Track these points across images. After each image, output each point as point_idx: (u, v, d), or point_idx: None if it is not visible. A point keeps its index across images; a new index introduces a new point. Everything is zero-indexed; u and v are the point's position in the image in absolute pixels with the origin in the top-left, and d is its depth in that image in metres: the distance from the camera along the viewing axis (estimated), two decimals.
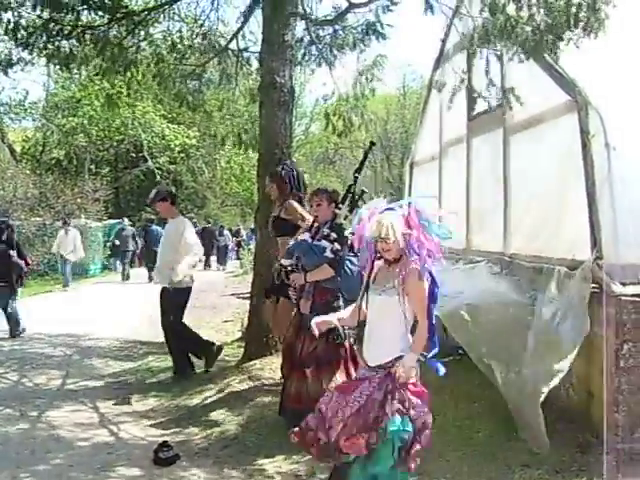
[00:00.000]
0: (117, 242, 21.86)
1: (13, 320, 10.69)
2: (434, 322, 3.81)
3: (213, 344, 7.98)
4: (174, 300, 7.63)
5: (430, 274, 3.74)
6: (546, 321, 5.08)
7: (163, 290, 7.70)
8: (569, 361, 4.73)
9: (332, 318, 4.27)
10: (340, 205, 5.35)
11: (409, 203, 3.83)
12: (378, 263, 3.94)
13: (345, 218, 5.37)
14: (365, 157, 6.03)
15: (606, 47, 5.42)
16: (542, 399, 4.72)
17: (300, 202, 6.17)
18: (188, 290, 7.79)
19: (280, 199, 6.29)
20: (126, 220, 23.47)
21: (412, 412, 3.73)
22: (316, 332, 4.20)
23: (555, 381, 4.74)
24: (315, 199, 5.41)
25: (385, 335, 3.84)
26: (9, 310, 10.69)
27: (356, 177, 5.52)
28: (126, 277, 21.11)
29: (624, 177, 4.78)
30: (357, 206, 5.38)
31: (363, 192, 5.51)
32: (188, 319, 8.15)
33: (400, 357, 3.76)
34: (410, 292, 3.74)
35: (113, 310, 13.46)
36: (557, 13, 5.39)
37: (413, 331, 3.85)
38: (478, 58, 6.42)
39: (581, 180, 5.00)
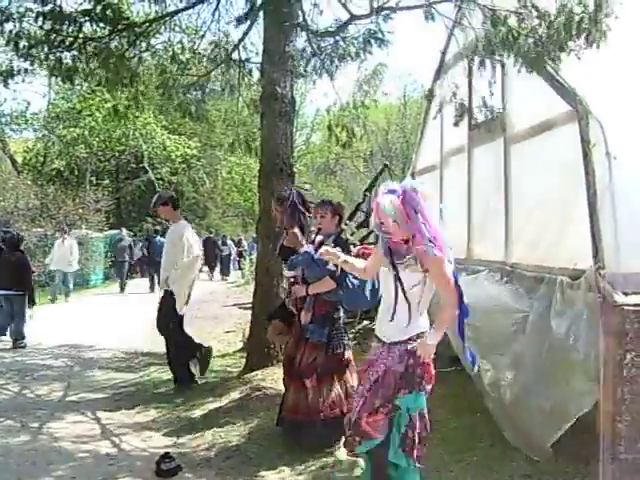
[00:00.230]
0: (113, 253, 21.53)
1: (20, 330, 10.68)
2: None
3: (202, 347, 7.98)
4: (174, 305, 7.67)
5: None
6: (560, 337, 5.02)
7: (164, 294, 7.75)
8: (598, 386, 4.70)
9: (341, 255, 4.22)
10: (347, 221, 5.35)
11: (405, 186, 3.80)
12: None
13: (352, 234, 5.38)
14: (376, 178, 6.05)
15: (607, 57, 5.44)
16: (573, 421, 4.68)
17: (302, 229, 5.98)
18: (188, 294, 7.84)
19: (283, 224, 6.24)
20: (124, 230, 23.15)
21: (428, 388, 3.76)
22: (324, 257, 4.23)
23: (589, 403, 4.70)
24: (319, 211, 5.41)
25: (403, 312, 3.82)
26: (25, 319, 10.75)
27: (365, 196, 5.53)
28: (123, 288, 20.73)
29: (625, 186, 4.78)
30: (366, 225, 5.40)
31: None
32: (190, 330, 8.16)
33: (419, 334, 3.77)
34: (429, 268, 3.74)
35: (114, 321, 13.44)
36: (559, 25, 5.42)
37: None
38: (478, 68, 6.45)
39: (582, 189, 4.99)
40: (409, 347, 3.79)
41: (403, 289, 3.79)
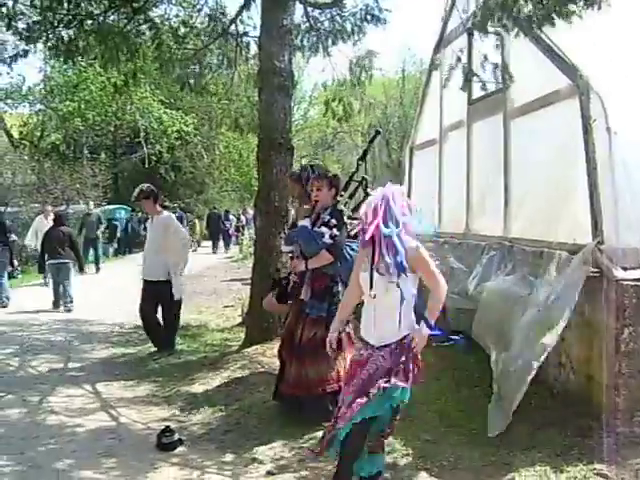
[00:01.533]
0: (83, 230, 19.21)
1: (70, 294, 11.98)
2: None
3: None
4: (169, 293, 7.98)
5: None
6: (540, 302, 5.11)
7: (157, 284, 7.94)
8: (556, 335, 4.77)
9: (335, 327, 4.35)
10: (342, 192, 5.35)
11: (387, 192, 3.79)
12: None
13: (345, 204, 5.38)
14: (369, 145, 6.03)
15: (607, 31, 5.40)
16: (532, 374, 4.78)
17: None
18: None
19: (299, 199, 6.22)
20: (91, 204, 21.11)
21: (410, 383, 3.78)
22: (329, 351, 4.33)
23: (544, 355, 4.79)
24: (316, 184, 5.37)
25: (390, 315, 3.79)
26: (71, 284, 12.11)
27: (359, 164, 5.51)
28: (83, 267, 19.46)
29: (625, 161, 4.79)
30: (361, 193, 5.40)
31: (364, 179, 5.51)
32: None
33: (406, 336, 3.76)
34: (413, 266, 3.74)
35: (111, 296, 13.43)
36: None
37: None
38: (479, 41, 6.39)
39: (582, 164, 5.00)
40: (405, 344, 3.77)
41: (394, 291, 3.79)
